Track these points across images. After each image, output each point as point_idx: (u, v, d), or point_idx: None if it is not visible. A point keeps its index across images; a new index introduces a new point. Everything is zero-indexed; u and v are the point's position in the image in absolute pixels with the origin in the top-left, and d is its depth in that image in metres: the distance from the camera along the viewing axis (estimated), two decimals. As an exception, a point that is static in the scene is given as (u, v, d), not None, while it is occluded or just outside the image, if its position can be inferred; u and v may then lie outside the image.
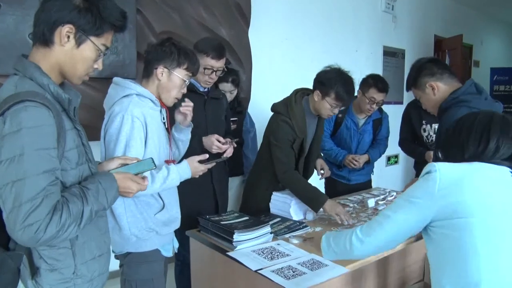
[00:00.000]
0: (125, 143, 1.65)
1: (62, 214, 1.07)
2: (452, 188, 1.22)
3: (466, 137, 1.32)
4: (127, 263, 1.79)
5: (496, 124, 1.29)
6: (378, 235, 1.32)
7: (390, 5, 5.56)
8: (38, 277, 1.17)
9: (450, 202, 1.22)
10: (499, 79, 7.34)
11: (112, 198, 1.24)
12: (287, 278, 1.58)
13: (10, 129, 1.04)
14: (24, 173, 1.04)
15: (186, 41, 2.56)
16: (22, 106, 1.06)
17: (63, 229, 1.08)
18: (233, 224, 1.95)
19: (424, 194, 1.26)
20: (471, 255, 1.20)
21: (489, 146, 1.27)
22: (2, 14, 2.53)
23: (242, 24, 3.78)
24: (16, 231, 1.03)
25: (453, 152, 1.35)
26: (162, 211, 1.79)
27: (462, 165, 1.28)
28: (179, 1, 3.33)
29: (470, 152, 1.30)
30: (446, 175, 1.24)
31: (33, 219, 1.03)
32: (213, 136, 2.19)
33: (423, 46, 6.41)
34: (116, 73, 2.80)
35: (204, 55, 2.22)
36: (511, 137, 1.28)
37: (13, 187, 1.03)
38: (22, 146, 1.04)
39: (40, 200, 1.04)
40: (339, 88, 2.22)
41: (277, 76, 4.18)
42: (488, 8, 8.09)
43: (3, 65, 2.50)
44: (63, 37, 1.17)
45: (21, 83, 1.13)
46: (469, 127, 1.32)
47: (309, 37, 4.53)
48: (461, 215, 1.21)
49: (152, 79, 1.81)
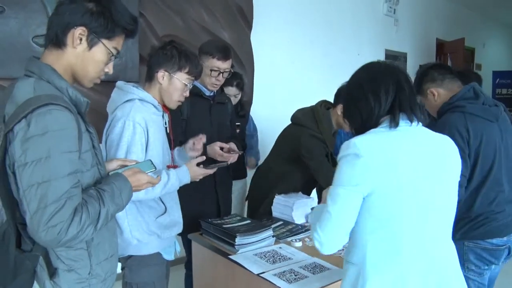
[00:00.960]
0: (126, 148, 1.65)
1: (82, 215, 1.10)
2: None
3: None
4: (129, 266, 1.79)
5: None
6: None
7: (392, 8, 5.57)
8: (56, 278, 1.19)
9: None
10: (502, 82, 7.35)
11: (127, 197, 1.27)
12: (289, 282, 1.58)
13: (36, 131, 1.06)
14: (50, 175, 1.06)
15: (188, 44, 2.56)
16: (47, 109, 1.08)
17: (82, 230, 1.10)
18: (235, 227, 1.95)
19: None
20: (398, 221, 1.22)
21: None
22: (5, 17, 2.54)
23: (244, 27, 3.80)
24: (40, 232, 1.05)
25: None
26: (163, 215, 1.79)
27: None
28: (182, 4, 3.34)
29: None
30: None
31: (57, 221, 1.05)
32: (215, 144, 2.16)
33: (425, 50, 6.42)
34: (119, 77, 2.81)
35: (210, 57, 2.19)
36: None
37: (38, 189, 1.05)
38: (48, 149, 1.06)
39: (63, 202, 1.07)
40: None
41: (279, 79, 4.18)
42: (490, 11, 8.10)
43: (6, 68, 2.52)
44: (76, 39, 1.20)
45: (39, 85, 1.14)
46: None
47: (311, 40, 4.54)
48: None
49: (154, 82, 1.81)
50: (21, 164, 1.06)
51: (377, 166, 1.21)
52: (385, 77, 1.32)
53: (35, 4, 2.62)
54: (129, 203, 1.29)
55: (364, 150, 1.21)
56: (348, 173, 1.23)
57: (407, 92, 1.30)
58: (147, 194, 1.66)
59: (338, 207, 1.23)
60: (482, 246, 1.88)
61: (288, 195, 2.42)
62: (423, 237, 1.24)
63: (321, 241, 1.26)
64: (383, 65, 1.38)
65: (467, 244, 1.88)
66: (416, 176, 1.23)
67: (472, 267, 1.90)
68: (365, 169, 1.21)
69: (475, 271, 1.90)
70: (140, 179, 1.35)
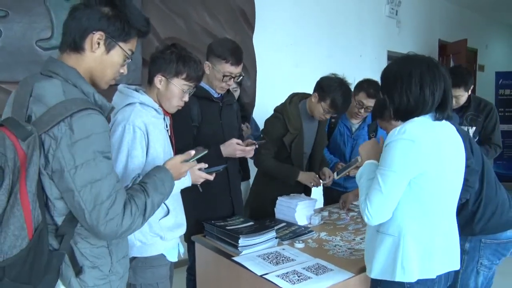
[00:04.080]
0: (127, 152, 1.65)
1: (132, 207, 1.19)
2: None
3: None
4: (132, 268, 1.78)
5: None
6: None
7: (394, 10, 5.58)
8: (82, 275, 1.23)
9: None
10: (504, 83, 7.31)
11: (169, 186, 1.38)
12: (292, 283, 1.58)
13: (81, 135, 1.12)
14: (101, 174, 1.14)
15: (191, 47, 2.57)
16: (87, 114, 1.13)
17: (134, 222, 1.20)
18: (239, 229, 1.96)
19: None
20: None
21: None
22: (9, 21, 2.56)
23: (247, 29, 3.81)
24: (100, 226, 1.13)
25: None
26: (167, 217, 1.80)
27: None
28: (184, 7, 3.35)
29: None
30: None
31: (113, 214, 1.15)
32: (232, 141, 2.12)
33: (428, 51, 6.40)
34: (121, 79, 2.82)
35: (223, 61, 2.11)
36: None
37: (92, 188, 1.13)
38: (94, 151, 1.13)
39: (114, 196, 1.16)
40: (336, 97, 2.35)
41: (281, 81, 4.19)
42: (493, 12, 8.08)
43: (11, 72, 2.54)
44: (94, 43, 1.23)
45: (67, 89, 1.17)
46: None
47: (313, 42, 4.54)
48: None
49: (152, 86, 1.81)
50: (72, 167, 1.11)
51: (427, 152, 1.41)
52: (440, 72, 1.49)
53: (39, 8, 2.63)
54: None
55: (417, 136, 1.41)
56: (402, 157, 1.41)
57: (448, 91, 1.51)
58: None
59: (388, 188, 1.42)
60: (498, 241, 1.98)
61: (291, 196, 2.42)
62: (447, 210, 1.54)
63: (370, 216, 1.46)
64: (435, 63, 1.53)
65: (485, 241, 1.98)
66: (450, 162, 1.49)
67: (486, 262, 1.99)
68: (417, 155, 1.40)
69: (487, 266, 1.99)
70: (179, 168, 1.50)
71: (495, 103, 6.77)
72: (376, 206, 1.44)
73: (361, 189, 1.54)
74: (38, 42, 2.65)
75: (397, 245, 1.47)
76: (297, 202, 2.32)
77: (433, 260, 1.49)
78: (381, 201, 1.44)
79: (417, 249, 1.46)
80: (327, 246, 1.99)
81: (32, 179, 1.06)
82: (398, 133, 1.43)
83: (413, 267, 1.46)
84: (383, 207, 1.44)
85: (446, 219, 1.55)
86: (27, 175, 1.05)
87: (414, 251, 1.46)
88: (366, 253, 1.62)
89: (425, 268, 1.48)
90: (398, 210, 1.47)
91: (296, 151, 2.51)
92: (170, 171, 1.42)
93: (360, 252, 1.88)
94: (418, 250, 1.47)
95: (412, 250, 1.46)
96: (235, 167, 2.38)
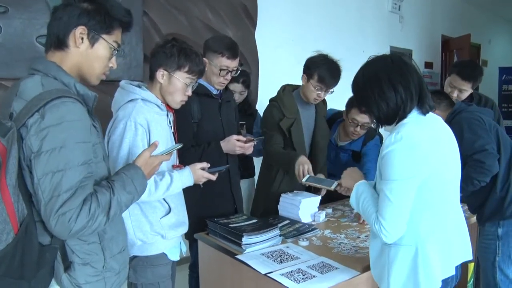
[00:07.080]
0: (128, 149, 1.64)
1: (91, 204, 1.13)
2: None
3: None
4: (133, 267, 1.77)
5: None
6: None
7: (397, 5, 5.53)
8: (71, 271, 1.22)
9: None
10: (508, 78, 7.25)
11: (141, 184, 1.30)
12: (296, 282, 1.56)
13: (51, 122, 1.09)
14: (65, 164, 1.10)
15: (193, 43, 2.53)
16: (61, 101, 1.11)
17: (92, 219, 1.13)
18: (242, 227, 1.93)
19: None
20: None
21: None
22: (9, 18, 2.54)
23: (249, 25, 3.78)
24: (51, 220, 1.08)
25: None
26: (168, 215, 1.78)
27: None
28: (186, 3, 3.33)
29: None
30: None
31: (67, 208, 1.09)
32: (232, 137, 2.13)
33: (431, 46, 6.38)
34: (123, 76, 2.80)
35: (219, 56, 2.12)
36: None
37: (53, 178, 1.09)
38: (64, 139, 1.10)
39: (74, 190, 1.10)
40: (321, 70, 2.35)
41: (283, 77, 4.14)
42: (496, 8, 8.03)
43: (10, 68, 2.51)
44: (77, 38, 1.24)
45: (47, 81, 1.17)
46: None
47: (316, 38, 4.51)
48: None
49: (155, 81, 1.79)
50: (37, 154, 1.08)
51: (429, 154, 1.36)
52: (406, 63, 1.44)
53: (39, 4, 2.61)
54: (132, 204, 1.31)
55: (415, 140, 1.35)
56: (404, 165, 1.35)
57: (422, 81, 1.45)
58: (150, 196, 1.65)
59: (398, 198, 1.35)
60: None
61: (295, 193, 2.40)
62: (454, 201, 1.52)
63: (387, 232, 1.38)
64: (398, 57, 1.48)
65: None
66: (449, 158, 1.47)
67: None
68: (420, 159, 1.35)
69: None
70: (151, 163, 1.39)
71: (498, 99, 6.74)
72: (390, 219, 1.37)
73: (366, 209, 1.47)
74: (38, 38, 2.62)
75: (416, 254, 1.40)
76: (301, 199, 2.29)
77: (451, 256, 1.47)
78: (394, 213, 1.37)
79: (438, 252, 1.41)
80: (332, 244, 1.97)
81: (12, 171, 1.04)
82: (395, 140, 1.36)
83: (436, 272, 1.41)
84: (398, 219, 1.37)
85: (453, 211, 1.52)
86: (7, 168, 1.03)
87: (436, 254, 1.41)
88: (375, 271, 1.54)
89: (446, 267, 1.45)
90: (409, 218, 1.40)
91: (296, 139, 2.46)
92: (142, 168, 1.34)
93: (365, 250, 1.86)
94: (438, 252, 1.41)
95: (433, 254, 1.40)
96: (235, 164, 2.37)
